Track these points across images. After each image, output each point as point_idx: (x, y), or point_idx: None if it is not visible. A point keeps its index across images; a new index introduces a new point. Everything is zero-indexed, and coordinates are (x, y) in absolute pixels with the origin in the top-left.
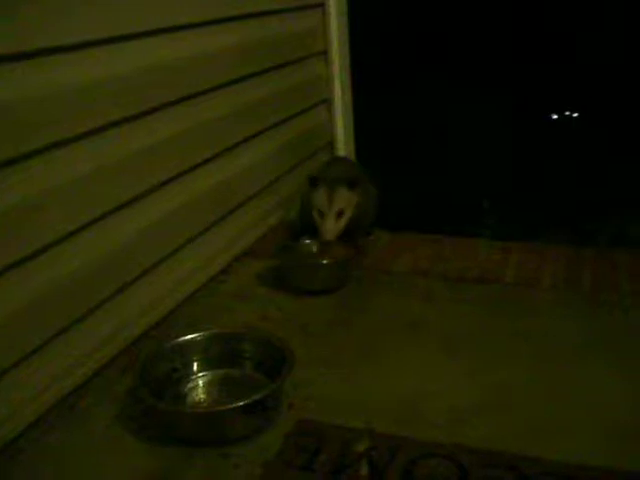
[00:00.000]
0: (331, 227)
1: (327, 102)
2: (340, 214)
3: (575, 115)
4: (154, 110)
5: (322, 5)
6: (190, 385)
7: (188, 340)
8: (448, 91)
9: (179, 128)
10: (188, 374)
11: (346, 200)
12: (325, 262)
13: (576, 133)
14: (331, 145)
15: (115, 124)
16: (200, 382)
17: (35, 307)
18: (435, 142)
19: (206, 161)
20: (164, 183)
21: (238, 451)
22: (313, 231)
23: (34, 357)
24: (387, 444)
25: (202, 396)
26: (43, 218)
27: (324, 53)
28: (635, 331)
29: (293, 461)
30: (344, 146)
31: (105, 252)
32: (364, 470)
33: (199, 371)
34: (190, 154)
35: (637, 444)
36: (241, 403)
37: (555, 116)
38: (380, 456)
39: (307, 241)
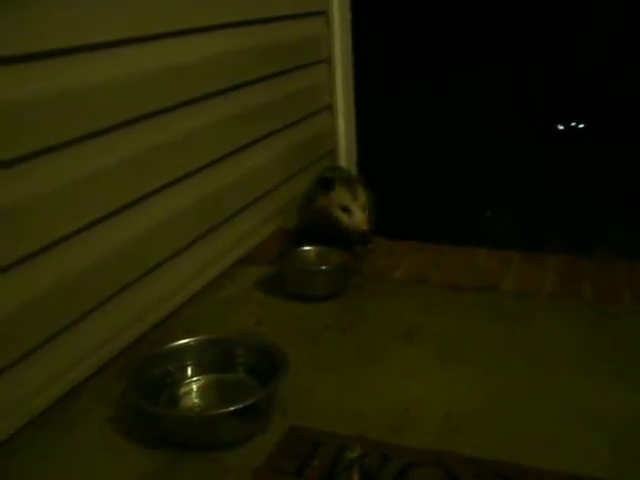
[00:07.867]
0: (363, 218)
1: (330, 109)
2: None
3: (581, 126)
4: (156, 114)
5: (325, 12)
6: (184, 389)
7: (182, 345)
8: (451, 99)
9: (180, 132)
10: (182, 378)
11: (365, 196)
12: (324, 268)
13: (582, 144)
14: (333, 152)
15: (116, 128)
16: (194, 386)
17: (31, 309)
18: (438, 150)
19: (205, 166)
20: (162, 187)
21: (228, 456)
22: (312, 238)
23: (29, 358)
24: (379, 451)
25: (196, 400)
26: (37, 221)
27: (327, 60)
28: (635, 341)
29: (284, 467)
30: (346, 153)
31: (102, 256)
32: (356, 477)
33: (193, 375)
34: (190, 159)
35: (636, 456)
36: (232, 408)
37: (561, 127)
38: (372, 463)
39: (306, 248)
